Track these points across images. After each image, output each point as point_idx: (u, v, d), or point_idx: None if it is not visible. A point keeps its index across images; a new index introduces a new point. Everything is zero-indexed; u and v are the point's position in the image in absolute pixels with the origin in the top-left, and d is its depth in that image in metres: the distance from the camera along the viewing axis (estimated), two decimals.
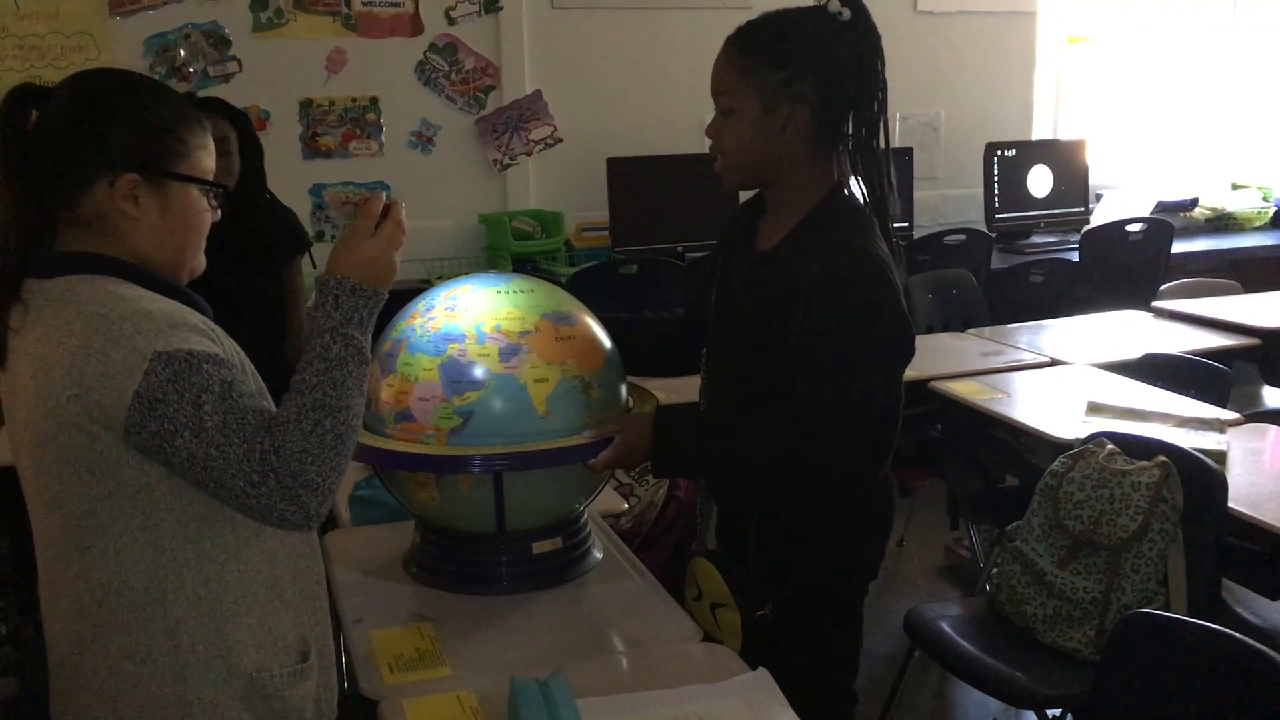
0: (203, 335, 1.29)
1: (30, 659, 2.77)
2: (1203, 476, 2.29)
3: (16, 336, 1.32)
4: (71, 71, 1.42)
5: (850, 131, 1.69)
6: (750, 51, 1.66)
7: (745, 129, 1.68)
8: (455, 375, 1.65)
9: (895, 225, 1.72)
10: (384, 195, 1.42)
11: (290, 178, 4.28)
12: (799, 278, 1.64)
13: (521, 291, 1.74)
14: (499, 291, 1.73)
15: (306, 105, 4.32)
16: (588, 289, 3.62)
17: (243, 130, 3.07)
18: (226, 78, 4.18)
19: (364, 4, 4.32)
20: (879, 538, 1.83)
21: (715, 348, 1.84)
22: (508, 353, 1.65)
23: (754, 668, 1.57)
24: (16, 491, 1.43)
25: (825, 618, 1.80)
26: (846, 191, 1.71)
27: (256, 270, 3.07)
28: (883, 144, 1.69)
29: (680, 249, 4.43)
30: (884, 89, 1.68)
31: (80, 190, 1.32)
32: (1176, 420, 2.72)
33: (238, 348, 1.37)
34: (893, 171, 1.70)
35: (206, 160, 1.39)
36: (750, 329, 1.73)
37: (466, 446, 1.65)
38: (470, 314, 1.69)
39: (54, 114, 1.33)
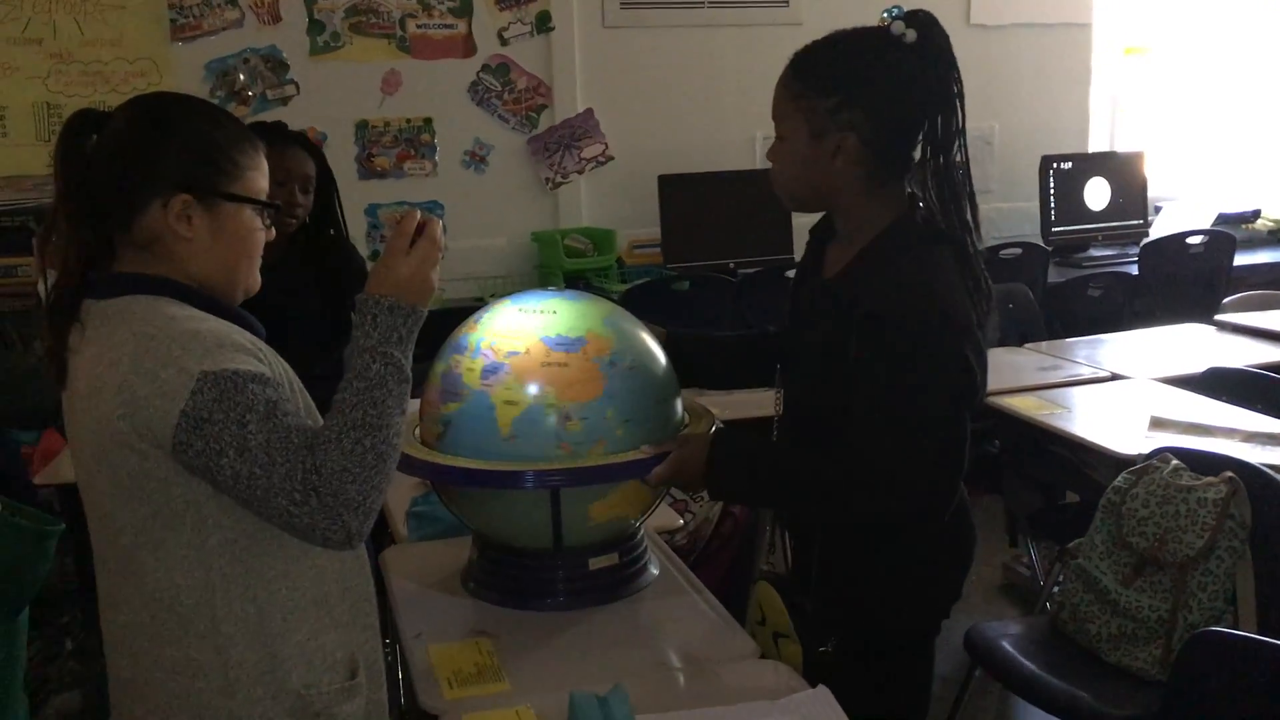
0: (249, 355, 1.30)
1: (95, 673, 2.82)
2: (1272, 492, 2.24)
3: (75, 356, 1.34)
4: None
5: (925, 155, 1.61)
6: (803, 77, 1.61)
7: (795, 156, 1.63)
8: (448, 385, 1.70)
9: (977, 268, 1.63)
10: (419, 213, 1.42)
11: (346, 198, 4.27)
12: (852, 311, 1.57)
13: (543, 312, 1.73)
14: (520, 309, 1.74)
15: (362, 126, 4.38)
16: (639, 306, 3.61)
17: (321, 167, 3.05)
18: (284, 100, 4.25)
19: (418, 26, 4.38)
20: (951, 576, 1.73)
21: (787, 372, 1.80)
22: (489, 371, 1.66)
23: (824, 685, 1.54)
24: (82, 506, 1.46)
25: (891, 656, 1.72)
26: (913, 222, 1.63)
27: (323, 301, 3.07)
28: (959, 170, 1.60)
29: (731, 265, 4.43)
30: (961, 112, 1.59)
31: (135, 212, 1.35)
32: (1243, 435, 2.67)
33: (286, 366, 1.38)
34: (975, 199, 1.63)
35: (259, 181, 1.41)
36: (813, 358, 1.68)
37: (448, 456, 1.69)
38: (484, 328, 1.73)
39: (110, 137, 1.36)
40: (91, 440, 1.31)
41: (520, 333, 1.69)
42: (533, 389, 1.65)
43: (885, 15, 1.59)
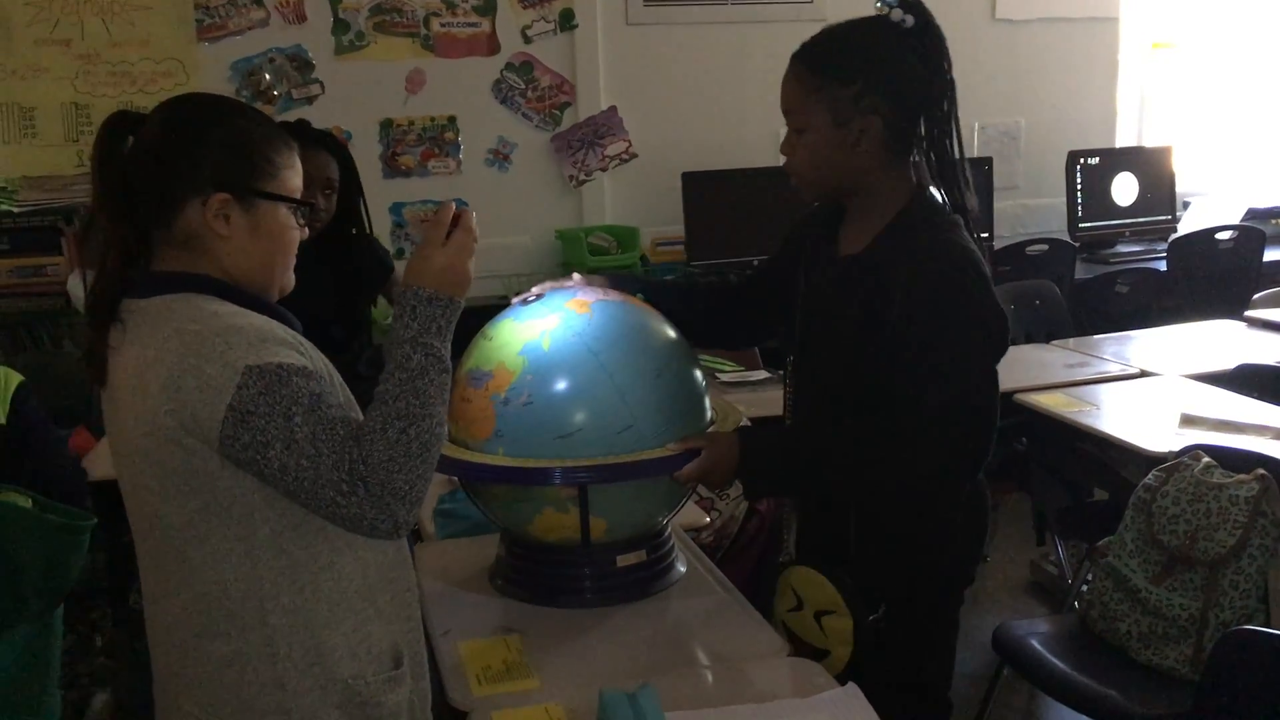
0: (291, 349, 1.31)
1: (125, 670, 2.84)
2: None
3: (115, 355, 1.35)
4: (161, 97, 1.46)
5: (924, 134, 1.69)
6: (817, 68, 1.66)
7: (819, 145, 1.68)
8: None
9: (976, 235, 1.70)
10: (454, 205, 1.43)
11: (371, 197, 4.29)
12: (894, 279, 1.63)
13: (487, 337, 1.77)
14: (485, 336, 1.78)
15: (386, 125, 4.39)
16: None
17: (346, 167, 3.04)
18: (309, 100, 4.27)
19: (442, 25, 4.38)
20: (976, 542, 1.82)
21: (805, 356, 1.82)
22: None
23: (851, 679, 1.55)
24: (115, 504, 1.47)
25: (926, 624, 1.77)
26: (928, 195, 1.71)
27: (338, 299, 3.07)
28: (956, 145, 1.68)
29: (756, 261, 4.40)
30: (952, 89, 1.67)
31: (174, 211, 1.36)
32: (1274, 432, 2.64)
33: (326, 360, 1.39)
34: (968, 170, 1.70)
35: (294, 179, 1.42)
36: (845, 335, 1.71)
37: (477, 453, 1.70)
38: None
39: (148, 138, 1.37)
40: (136, 437, 1.32)
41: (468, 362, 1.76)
42: (451, 428, 1.72)
43: (881, 4, 1.66)
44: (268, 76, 4.22)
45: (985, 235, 4.71)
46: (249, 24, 4.19)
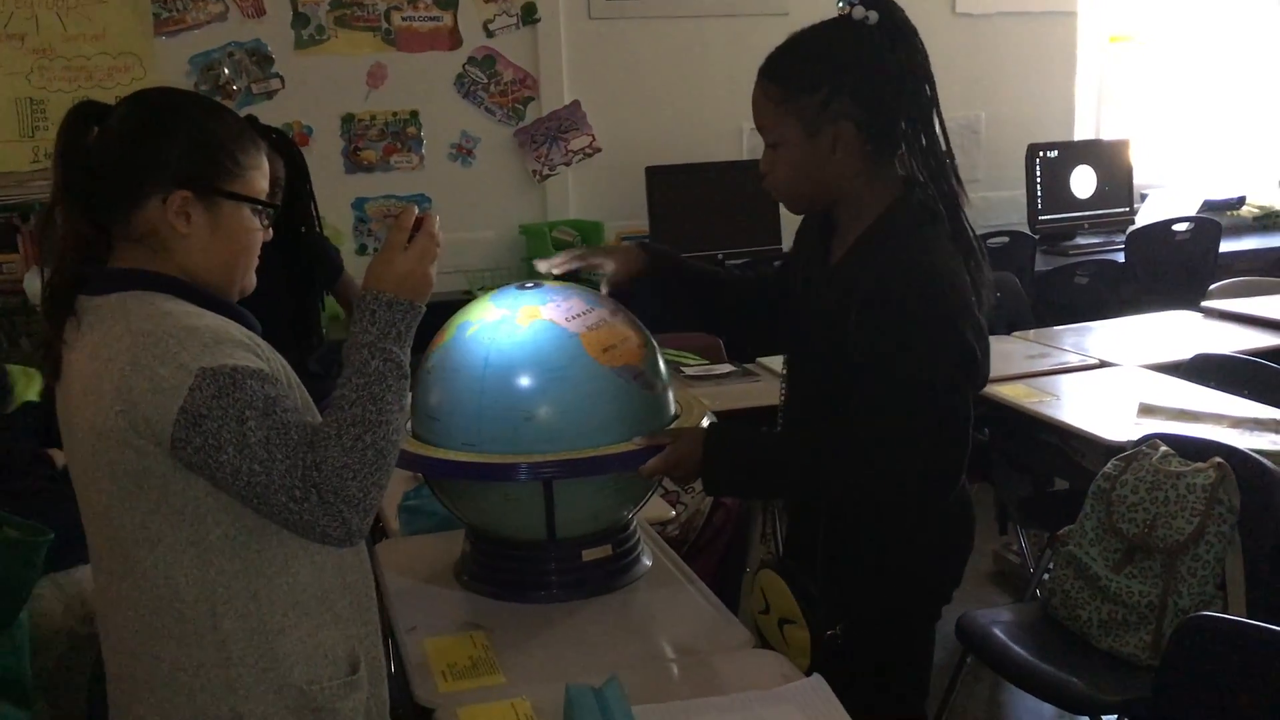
0: (248, 350, 1.30)
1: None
2: (1260, 478, 2.25)
3: (70, 351, 1.34)
4: (118, 92, 1.44)
5: (907, 130, 1.64)
6: (781, 80, 1.63)
7: (796, 159, 1.64)
8: None
9: (970, 229, 1.67)
10: (416, 208, 1.42)
11: (333, 192, 4.32)
12: (855, 293, 1.59)
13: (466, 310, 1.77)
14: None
15: (348, 120, 4.37)
16: (627, 297, 3.61)
17: (294, 165, 3.01)
18: (269, 95, 4.23)
19: (403, 19, 4.36)
20: (953, 561, 1.77)
21: (794, 360, 1.82)
22: None
23: (819, 675, 1.55)
24: None
25: (894, 639, 1.75)
26: (912, 196, 1.66)
27: (287, 297, 3.04)
28: (941, 139, 1.64)
29: (720, 256, 4.42)
30: (930, 83, 1.63)
31: (133, 207, 1.34)
32: (1231, 421, 2.68)
33: (284, 362, 1.38)
34: (956, 166, 1.66)
35: (259, 180, 1.40)
36: (820, 343, 1.70)
37: (441, 449, 1.70)
38: None
39: (112, 131, 1.35)
40: (88, 437, 1.30)
41: None
42: None
43: (843, 4, 1.61)
44: (226, 71, 4.17)
45: None
46: (207, 18, 4.15)
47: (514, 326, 1.70)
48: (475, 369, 1.68)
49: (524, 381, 1.66)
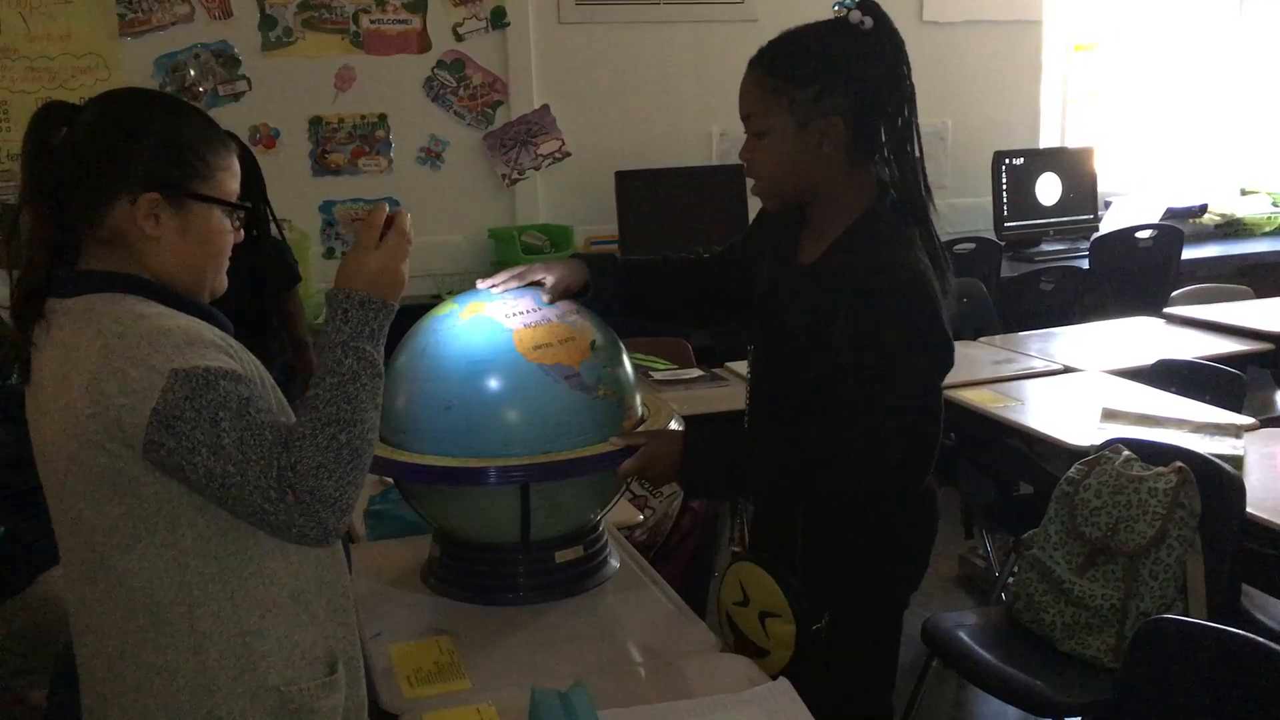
0: (220, 351, 1.29)
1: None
2: (1220, 482, 2.28)
3: (39, 354, 1.32)
4: (83, 93, 1.43)
5: (884, 139, 1.68)
6: (777, 71, 1.66)
7: (781, 148, 1.66)
8: None
9: (938, 239, 1.70)
10: (386, 206, 1.41)
11: (301, 195, 4.30)
12: (840, 292, 1.62)
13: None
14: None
15: (316, 123, 4.34)
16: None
17: (247, 169, 2.98)
18: (236, 97, 4.20)
19: (372, 22, 4.34)
20: (923, 549, 1.81)
21: (759, 355, 1.84)
22: None
23: (790, 679, 1.55)
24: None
25: (869, 631, 1.77)
26: (888, 201, 1.69)
27: (237, 302, 3.02)
28: (916, 148, 1.68)
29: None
30: (911, 93, 1.67)
31: (102, 209, 1.32)
32: (1192, 426, 2.71)
33: (258, 363, 1.37)
34: (927, 175, 1.70)
35: (230, 182, 1.39)
36: (795, 343, 1.71)
37: (412, 454, 1.71)
38: None
39: (80, 132, 1.34)
40: (60, 440, 1.28)
41: None
42: None
43: (838, 7, 1.66)
44: (192, 73, 4.14)
45: None
46: (173, 19, 4.12)
47: (455, 320, 1.74)
48: (414, 357, 1.74)
49: (449, 370, 1.70)
